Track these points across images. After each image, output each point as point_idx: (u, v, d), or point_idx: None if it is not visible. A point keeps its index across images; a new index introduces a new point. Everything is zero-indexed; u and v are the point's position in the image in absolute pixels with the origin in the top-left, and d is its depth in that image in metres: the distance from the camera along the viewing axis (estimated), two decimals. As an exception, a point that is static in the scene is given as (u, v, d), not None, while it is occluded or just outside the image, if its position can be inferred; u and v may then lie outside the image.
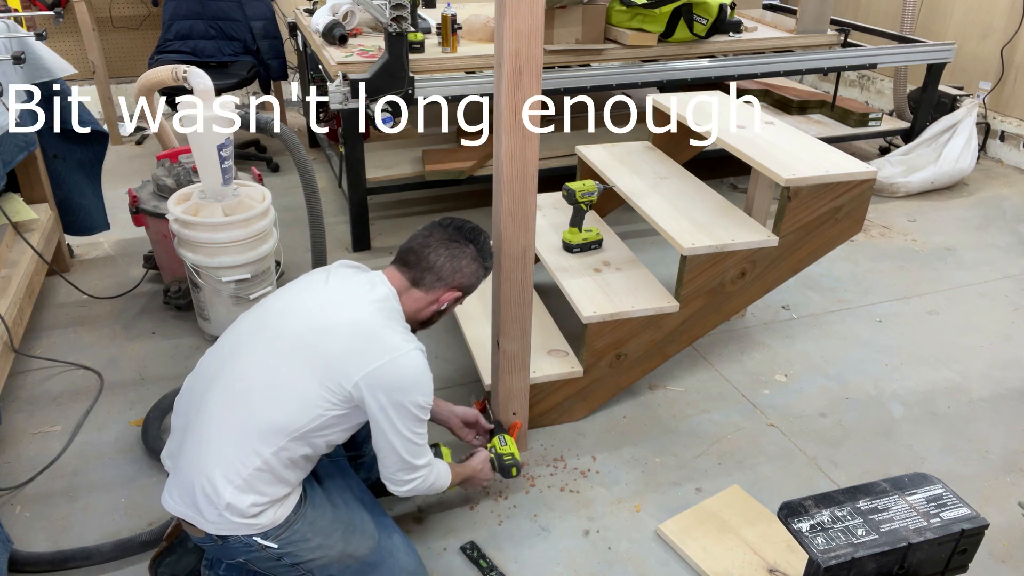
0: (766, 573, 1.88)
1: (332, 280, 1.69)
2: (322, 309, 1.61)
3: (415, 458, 1.66)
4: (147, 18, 4.84)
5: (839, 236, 2.44)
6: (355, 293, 1.65)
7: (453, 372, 2.62)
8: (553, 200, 2.91)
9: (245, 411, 1.53)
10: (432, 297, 1.73)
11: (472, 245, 1.76)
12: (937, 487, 1.50)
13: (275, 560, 1.60)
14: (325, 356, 1.55)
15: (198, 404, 1.59)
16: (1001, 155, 4.61)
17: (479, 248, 1.77)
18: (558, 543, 1.99)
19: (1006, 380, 2.66)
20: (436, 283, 1.72)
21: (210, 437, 1.54)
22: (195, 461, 1.54)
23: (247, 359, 1.58)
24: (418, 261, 1.72)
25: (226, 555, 1.63)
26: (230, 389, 1.56)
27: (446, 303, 1.75)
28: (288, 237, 3.46)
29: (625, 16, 3.56)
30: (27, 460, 2.21)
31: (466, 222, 1.80)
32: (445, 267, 1.71)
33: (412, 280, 1.72)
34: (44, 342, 2.73)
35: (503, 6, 1.65)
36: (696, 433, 2.38)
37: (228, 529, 1.54)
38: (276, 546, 1.58)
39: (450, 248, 1.73)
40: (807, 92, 4.71)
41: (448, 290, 1.74)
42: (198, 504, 1.52)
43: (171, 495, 1.58)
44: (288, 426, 1.52)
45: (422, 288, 1.72)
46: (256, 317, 1.67)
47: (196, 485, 1.52)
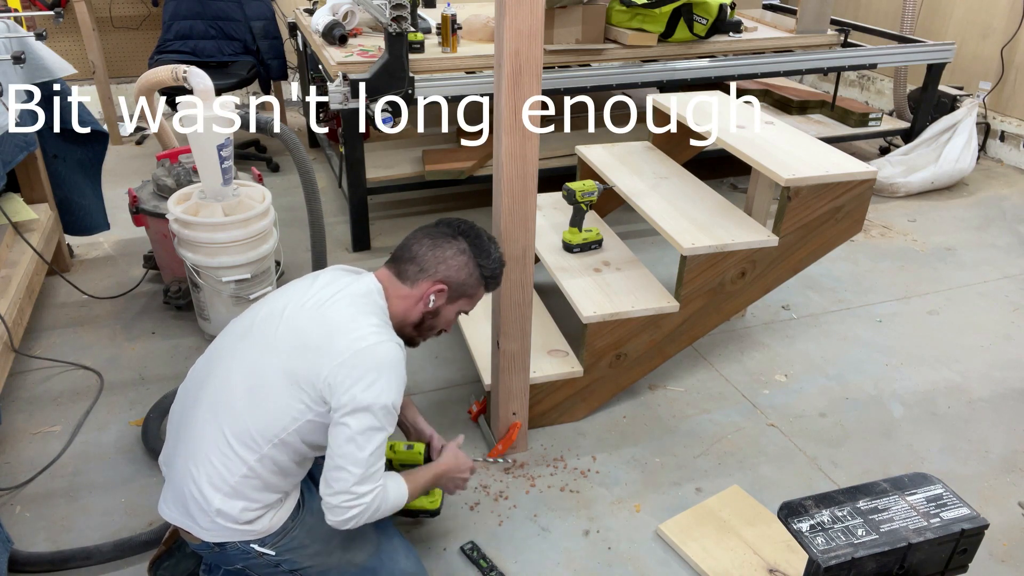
0: (766, 573, 1.88)
1: (319, 281, 1.64)
2: (300, 309, 1.57)
3: (361, 483, 1.48)
4: (147, 18, 4.84)
5: (839, 236, 2.44)
6: (335, 290, 1.59)
7: (453, 372, 2.62)
8: (553, 200, 2.91)
9: (229, 417, 1.50)
10: (417, 292, 1.64)
11: (463, 239, 1.68)
12: (937, 487, 1.50)
13: (273, 567, 1.59)
14: (296, 356, 1.50)
15: (188, 410, 1.57)
16: (1001, 155, 4.61)
17: (472, 243, 1.68)
18: (558, 543, 1.99)
19: (1006, 380, 2.66)
20: (419, 275, 1.63)
21: (197, 444, 1.51)
22: (184, 468, 1.52)
23: (232, 364, 1.55)
24: (402, 253, 1.66)
25: (224, 562, 1.62)
26: (215, 395, 1.53)
27: (432, 298, 1.64)
28: (288, 237, 3.46)
29: (625, 16, 3.56)
30: (27, 460, 2.21)
31: (465, 221, 1.73)
32: (427, 256, 1.63)
33: (396, 273, 1.65)
34: (44, 342, 2.73)
35: (503, 6, 1.65)
36: (696, 433, 2.38)
37: (223, 536, 1.52)
38: (274, 553, 1.56)
39: (434, 239, 1.66)
40: (807, 92, 4.71)
41: (432, 283, 1.63)
42: (191, 511, 1.51)
43: (166, 503, 1.57)
44: (266, 432, 1.48)
45: (406, 282, 1.63)
46: (244, 322, 1.64)
47: (187, 493, 1.50)
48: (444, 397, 2.50)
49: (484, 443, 2.31)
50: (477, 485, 2.15)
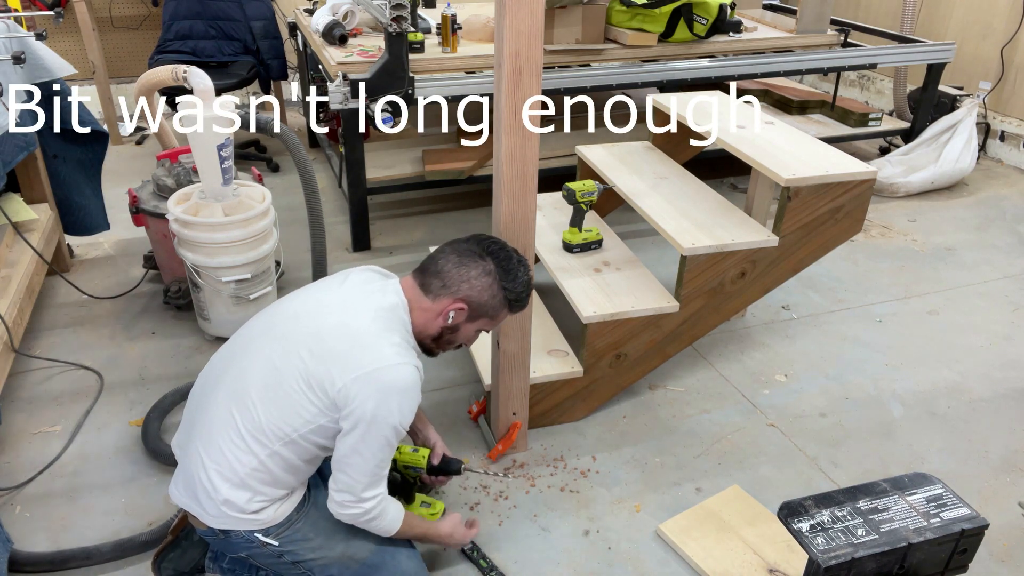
0: (766, 573, 1.88)
1: (348, 283, 1.66)
2: (324, 311, 1.59)
3: (366, 489, 1.56)
4: (147, 18, 4.84)
5: (839, 236, 2.44)
6: (362, 298, 1.61)
7: (453, 372, 2.62)
8: (553, 200, 2.91)
9: (243, 411, 1.53)
10: (438, 307, 1.64)
11: (490, 259, 1.65)
12: (937, 487, 1.50)
13: (276, 557, 1.62)
14: (315, 360, 1.52)
15: (207, 397, 1.61)
16: (1001, 155, 4.61)
17: (499, 265, 1.66)
18: (558, 543, 1.99)
19: (1006, 380, 2.66)
20: (441, 291, 1.63)
21: (211, 433, 1.55)
22: (196, 454, 1.56)
23: (252, 358, 1.58)
24: (430, 265, 1.67)
25: (228, 549, 1.65)
26: (233, 387, 1.57)
27: (451, 314, 1.64)
28: (288, 237, 3.46)
29: (625, 16, 3.56)
30: (27, 460, 2.21)
31: (496, 240, 1.71)
32: (452, 273, 1.63)
33: (421, 285, 1.65)
34: (44, 342, 2.73)
35: (503, 6, 1.65)
36: (696, 433, 2.38)
37: (229, 524, 1.55)
38: (277, 544, 1.59)
39: (462, 256, 1.65)
40: (807, 92, 4.71)
41: (454, 300, 1.63)
42: (199, 497, 1.55)
43: (177, 486, 1.62)
44: (278, 430, 1.52)
45: (429, 296, 1.64)
46: (269, 315, 1.67)
47: (196, 479, 1.55)
48: (444, 397, 2.50)
49: (484, 443, 2.31)
50: (477, 485, 2.15)
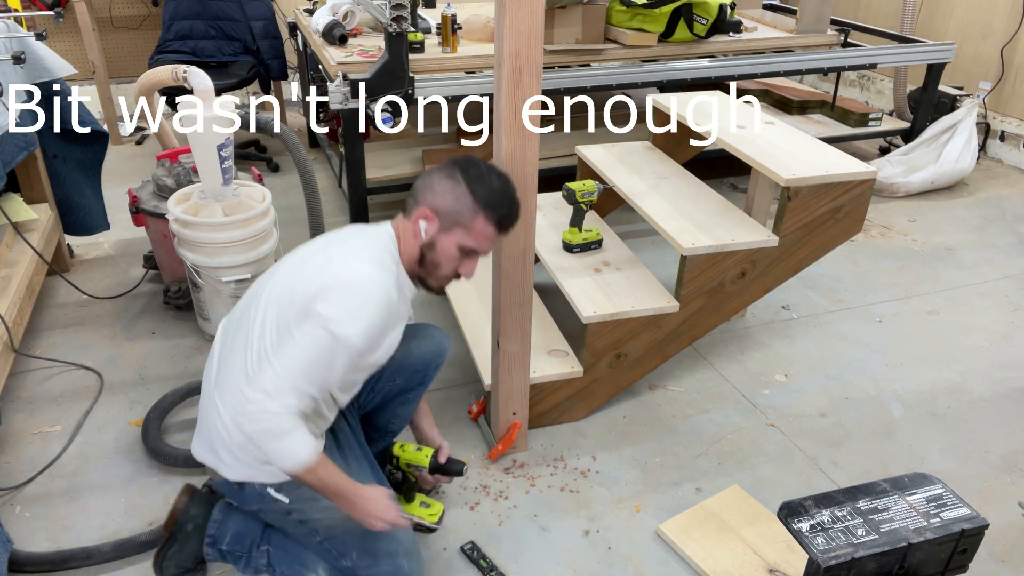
0: (766, 573, 1.88)
1: (344, 232, 1.69)
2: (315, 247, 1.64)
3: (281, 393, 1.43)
4: (147, 18, 4.84)
5: (839, 236, 2.44)
6: (348, 235, 1.65)
7: (453, 372, 2.62)
8: (553, 200, 2.91)
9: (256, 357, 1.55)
10: (412, 225, 1.64)
11: (457, 168, 1.63)
12: (937, 487, 1.50)
13: (284, 514, 1.66)
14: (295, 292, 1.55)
15: (223, 353, 1.66)
16: (1001, 155, 4.61)
17: (465, 170, 1.63)
18: (558, 543, 1.99)
19: (1006, 380, 2.66)
20: (413, 205, 1.65)
21: (226, 379, 1.60)
22: (213, 405, 1.61)
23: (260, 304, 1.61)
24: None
25: (241, 502, 1.70)
26: (248, 336, 1.59)
27: (422, 226, 1.62)
28: (288, 237, 3.45)
29: (625, 16, 3.56)
30: (27, 460, 2.21)
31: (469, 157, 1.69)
32: (419, 185, 1.65)
33: (403, 212, 1.68)
34: (44, 342, 2.73)
35: (503, 6, 1.65)
36: (696, 433, 2.38)
37: (243, 474, 1.60)
38: (287, 500, 1.63)
39: (431, 171, 1.67)
40: (807, 92, 4.71)
41: (420, 209, 1.62)
42: (215, 448, 1.61)
43: (196, 442, 1.69)
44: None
45: (408, 218, 1.66)
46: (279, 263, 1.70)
47: (214, 430, 1.60)
48: (444, 397, 2.50)
49: (484, 443, 2.31)
50: (477, 485, 2.15)
